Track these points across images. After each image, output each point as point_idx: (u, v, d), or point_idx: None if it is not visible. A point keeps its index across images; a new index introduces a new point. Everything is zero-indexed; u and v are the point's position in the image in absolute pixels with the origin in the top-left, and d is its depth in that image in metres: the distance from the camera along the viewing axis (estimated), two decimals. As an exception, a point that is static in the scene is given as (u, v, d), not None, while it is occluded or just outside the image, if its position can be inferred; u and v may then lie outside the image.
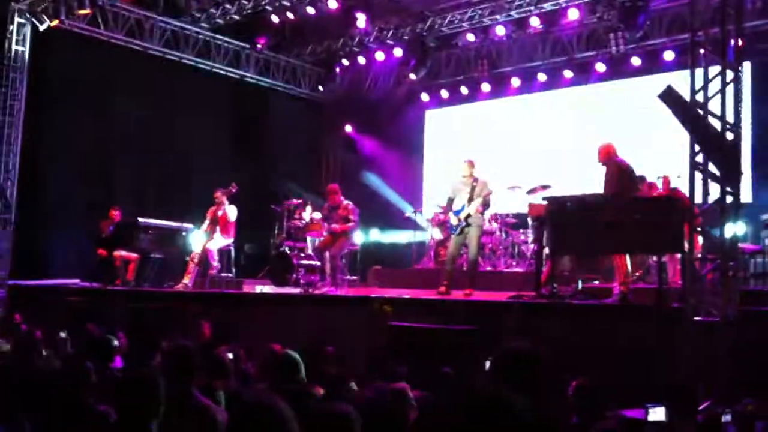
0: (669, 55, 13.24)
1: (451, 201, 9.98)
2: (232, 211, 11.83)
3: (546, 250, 8.89)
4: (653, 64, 13.63)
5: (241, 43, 15.57)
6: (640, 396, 4.70)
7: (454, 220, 9.81)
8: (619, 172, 8.52)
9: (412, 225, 14.11)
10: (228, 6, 14.36)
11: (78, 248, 13.06)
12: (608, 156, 8.74)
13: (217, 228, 11.75)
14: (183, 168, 14.04)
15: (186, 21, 14.68)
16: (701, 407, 4.53)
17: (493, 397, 1.57)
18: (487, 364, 3.04)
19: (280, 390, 3.97)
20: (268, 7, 14.07)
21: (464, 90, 16.17)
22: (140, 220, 12.26)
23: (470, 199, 9.69)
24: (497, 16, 14.06)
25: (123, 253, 12.22)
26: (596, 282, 9.75)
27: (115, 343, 6.35)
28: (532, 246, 11.83)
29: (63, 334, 7.65)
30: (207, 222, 11.88)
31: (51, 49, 12.80)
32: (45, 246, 13.06)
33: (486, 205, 9.82)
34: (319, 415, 2.96)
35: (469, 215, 9.66)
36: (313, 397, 3.90)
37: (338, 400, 3.68)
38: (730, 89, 6.99)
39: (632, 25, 12.29)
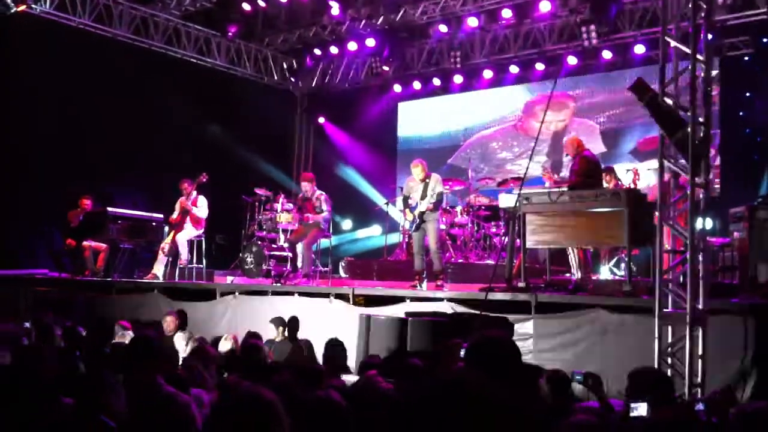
0: (639, 49, 13.34)
1: (406, 199, 10.14)
2: (202, 203, 11.73)
3: (517, 242, 8.93)
4: (624, 58, 13.74)
5: (212, 31, 15.41)
6: (611, 386, 4.75)
7: (410, 217, 9.98)
8: (586, 165, 8.63)
9: (384, 216, 14.10)
10: (199, -7, 14.24)
11: (47, 238, 12.87)
12: (575, 149, 8.90)
13: (188, 218, 11.66)
14: (153, 157, 13.87)
15: (156, 7, 14.51)
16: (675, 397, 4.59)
17: (467, 383, 1.56)
18: (462, 352, 3.04)
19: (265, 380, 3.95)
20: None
21: (437, 81, 16.18)
22: (109, 209, 12.10)
23: (423, 197, 9.83)
24: (469, 7, 14.07)
25: (92, 243, 12.07)
26: (567, 274, 9.82)
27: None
28: (503, 238, 11.87)
29: (27, 325, 7.56)
30: (176, 212, 11.78)
31: (17, 34, 12.57)
32: (13, 235, 12.85)
33: (438, 201, 10.02)
34: (309, 403, 2.95)
35: (422, 212, 9.81)
36: (300, 387, 3.88)
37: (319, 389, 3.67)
38: (699, 83, 7.04)
39: (603, 18, 12.38)
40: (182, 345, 7.93)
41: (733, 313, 6.61)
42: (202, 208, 11.72)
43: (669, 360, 6.18)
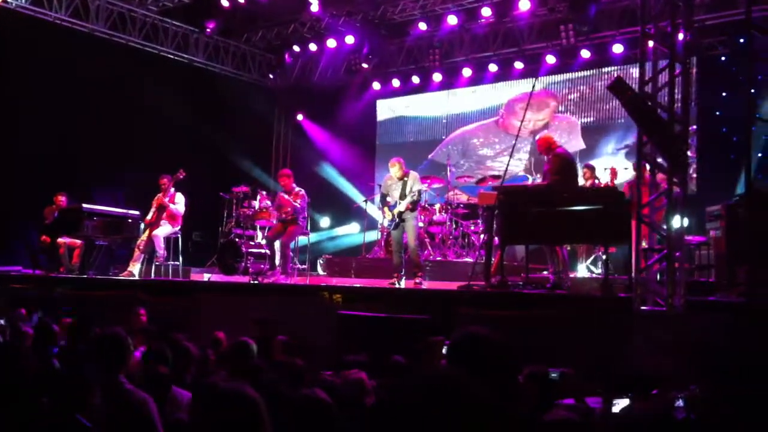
0: (618, 48, 13.40)
1: (384, 197, 10.16)
2: (179, 199, 11.66)
3: (496, 240, 8.95)
4: (603, 57, 13.81)
5: (190, 27, 15.30)
6: (591, 384, 4.75)
7: (389, 216, 9.99)
8: (559, 163, 8.66)
9: (363, 214, 14.07)
10: (177, -12, 14.14)
11: (23, 235, 12.71)
12: (547, 147, 8.89)
13: (164, 215, 11.57)
14: (128, 154, 13.73)
15: (133, 3, 14.38)
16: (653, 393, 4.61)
17: (450, 380, 1.54)
18: (444, 348, 3.03)
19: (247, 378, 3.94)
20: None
21: (416, 79, 16.17)
22: (85, 206, 11.95)
23: (402, 196, 9.85)
24: (449, 5, 14.08)
25: (67, 239, 11.93)
26: (545, 272, 9.85)
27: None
28: (482, 236, 11.89)
29: (2, 322, 7.46)
30: (153, 209, 11.68)
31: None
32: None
33: (416, 201, 10.03)
34: (295, 401, 2.93)
35: (401, 212, 9.82)
36: (282, 384, 3.86)
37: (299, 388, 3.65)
38: (678, 82, 7.09)
39: (582, 17, 12.44)
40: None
41: (711, 310, 6.65)
42: (179, 204, 11.65)
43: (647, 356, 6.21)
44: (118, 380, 4.05)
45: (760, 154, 11.77)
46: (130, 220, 12.22)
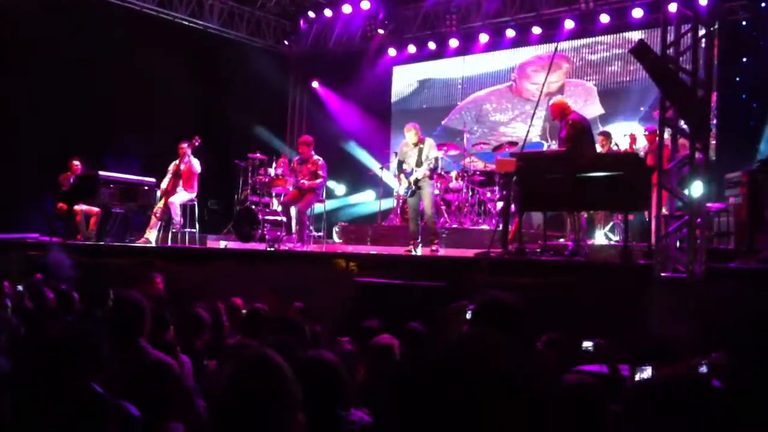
0: (638, 13, 13.18)
1: (401, 164, 10.06)
2: (195, 163, 11.63)
3: (513, 207, 8.88)
4: (622, 22, 13.60)
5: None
6: (611, 352, 4.72)
7: (405, 183, 9.90)
8: (575, 128, 8.47)
9: (379, 181, 14.02)
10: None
11: (40, 202, 12.74)
12: (562, 113, 8.68)
13: (180, 182, 11.55)
14: (145, 121, 13.70)
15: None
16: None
17: (482, 338, 1.48)
18: (468, 314, 3.00)
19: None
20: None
21: (432, 45, 15.99)
22: (101, 173, 11.96)
23: (418, 163, 9.74)
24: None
25: (84, 207, 11.95)
26: (562, 240, 9.80)
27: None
28: (498, 203, 11.82)
29: (20, 288, 7.50)
30: (169, 176, 11.67)
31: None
32: (5, 200, 12.71)
33: (434, 168, 9.93)
34: (308, 364, 2.92)
35: (417, 179, 9.72)
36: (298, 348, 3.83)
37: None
38: (701, 46, 6.96)
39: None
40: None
41: (731, 278, 6.59)
42: (195, 165, 11.61)
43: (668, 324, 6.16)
44: (138, 344, 4.01)
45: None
46: (146, 187, 12.22)
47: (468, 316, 2.98)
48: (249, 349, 3.25)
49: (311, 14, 16.04)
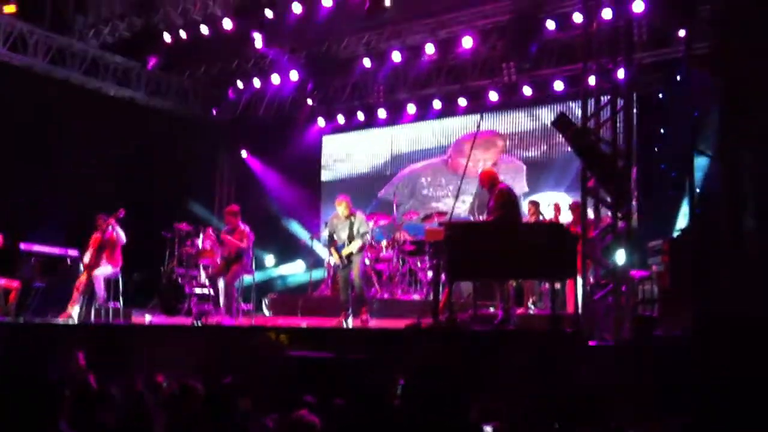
0: (559, 85, 13.61)
1: (331, 236, 10.09)
2: (121, 234, 11.30)
3: (443, 277, 8.89)
4: (544, 93, 14.00)
5: (132, 62, 15.07)
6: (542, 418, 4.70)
7: (336, 257, 9.91)
8: (503, 198, 8.65)
9: (309, 251, 13.92)
10: (118, 23, 13.93)
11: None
12: (491, 182, 8.87)
13: (104, 255, 11.22)
14: (69, 190, 13.37)
15: (73, 37, 14.12)
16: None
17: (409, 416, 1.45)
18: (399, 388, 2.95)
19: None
20: (160, 26, 13.70)
21: (361, 115, 16.16)
22: (22, 246, 11.56)
23: (350, 236, 9.79)
24: (393, 42, 14.16)
25: (3, 280, 11.50)
26: (491, 309, 9.84)
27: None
28: (429, 273, 11.84)
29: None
30: (91, 250, 11.31)
31: None
32: None
33: (365, 243, 10.06)
34: None
35: (351, 253, 9.78)
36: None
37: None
38: (620, 117, 7.21)
39: (523, 55, 12.60)
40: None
41: (657, 344, 6.69)
42: (120, 236, 11.28)
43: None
44: (58, 426, 3.84)
45: (698, 189, 12.01)
46: (68, 261, 11.85)
47: (399, 390, 2.93)
48: None
49: (240, 84, 16.06)
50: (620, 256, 7.02)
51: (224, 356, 8.46)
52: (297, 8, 12.46)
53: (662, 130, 13.07)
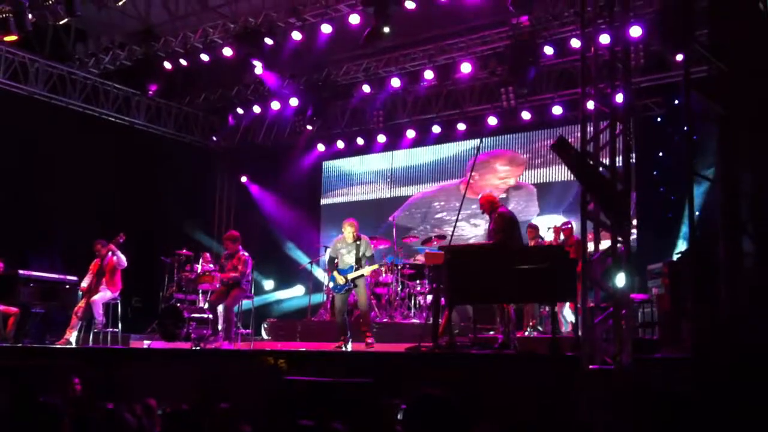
0: (557, 110, 13.68)
1: (333, 260, 10.05)
2: (122, 259, 11.26)
3: (442, 300, 8.88)
4: (542, 118, 14.08)
5: (131, 89, 15.15)
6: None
7: (340, 280, 9.80)
8: (503, 222, 8.65)
9: (308, 276, 13.90)
10: (118, 51, 14.03)
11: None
12: (491, 206, 8.87)
13: (103, 280, 11.20)
14: (69, 216, 13.39)
15: (73, 65, 14.21)
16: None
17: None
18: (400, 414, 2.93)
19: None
20: (160, 53, 13.81)
21: (360, 141, 16.24)
22: (21, 272, 11.55)
23: (357, 260, 9.72)
24: (392, 68, 14.25)
25: (1, 307, 11.47)
26: (491, 332, 9.81)
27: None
28: (428, 297, 11.83)
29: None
30: (90, 276, 11.28)
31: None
32: None
33: (379, 267, 10.20)
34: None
35: (359, 276, 9.69)
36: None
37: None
38: (619, 141, 7.22)
39: (522, 80, 12.67)
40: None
41: (658, 367, 6.66)
42: (121, 260, 11.24)
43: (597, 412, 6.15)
44: None
45: (697, 213, 12.03)
46: (67, 286, 11.84)
47: (400, 415, 2.91)
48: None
49: (239, 110, 16.15)
50: (620, 280, 7.00)
51: (223, 381, 8.42)
52: (296, 36, 12.55)
53: (660, 154, 13.14)
